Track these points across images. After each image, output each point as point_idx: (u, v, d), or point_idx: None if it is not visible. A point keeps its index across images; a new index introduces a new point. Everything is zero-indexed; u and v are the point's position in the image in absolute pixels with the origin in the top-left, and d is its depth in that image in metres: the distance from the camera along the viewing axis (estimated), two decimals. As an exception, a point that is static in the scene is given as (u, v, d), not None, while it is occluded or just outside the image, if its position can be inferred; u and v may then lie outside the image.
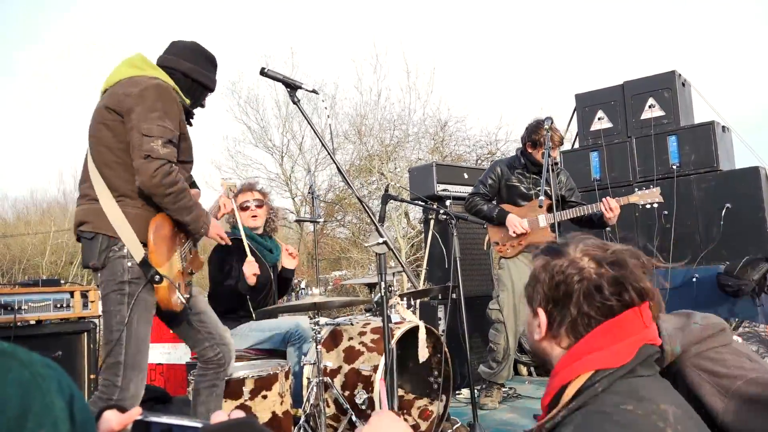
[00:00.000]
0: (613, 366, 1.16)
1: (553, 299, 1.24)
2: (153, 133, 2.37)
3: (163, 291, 2.45)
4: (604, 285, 1.19)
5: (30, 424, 0.59)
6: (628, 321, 1.19)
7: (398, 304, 3.59)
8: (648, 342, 1.20)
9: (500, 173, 4.51)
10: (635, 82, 5.95)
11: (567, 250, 1.25)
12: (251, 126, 15.75)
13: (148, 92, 2.43)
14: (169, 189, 2.39)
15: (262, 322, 3.71)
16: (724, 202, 5.24)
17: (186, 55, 2.71)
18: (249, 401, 2.91)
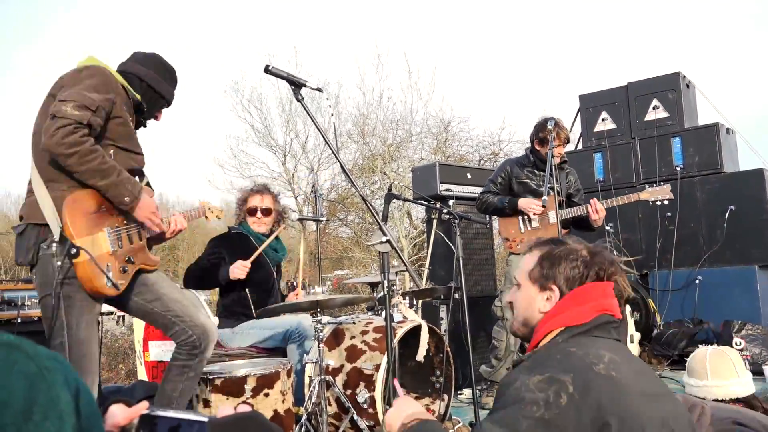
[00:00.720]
0: (576, 323, 1.50)
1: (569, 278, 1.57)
2: (68, 98, 2.30)
3: (83, 267, 2.31)
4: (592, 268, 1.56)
5: (36, 416, 0.59)
6: (589, 289, 1.54)
7: (401, 303, 3.59)
8: (606, 311, 1.52)
9: (510, 171, 4.51)
10: (639, 83, 5.95)
11: (567, 241, 1.64)
12: (254, 125, 15.77)
13: (82, 72, 2.45)
14: (71, 149, 2.26)
15: (263, 320, 3.70)
16: (728, 204, 5.24)
17: (143, 62, 2.73)
18: (251, 399, 2.90)
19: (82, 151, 2.28)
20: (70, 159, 2.28)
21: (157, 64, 2.76)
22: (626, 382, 1.35)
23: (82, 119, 2.29)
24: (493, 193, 4.53)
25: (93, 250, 2.35)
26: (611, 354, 1.40)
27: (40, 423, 0.58)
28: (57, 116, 2.26)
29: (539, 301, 1.60)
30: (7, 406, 0.57)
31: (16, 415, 0.57)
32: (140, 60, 2.73)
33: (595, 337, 1.48)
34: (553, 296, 1.57)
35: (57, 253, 2.31)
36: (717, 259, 5.25)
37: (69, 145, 2.26)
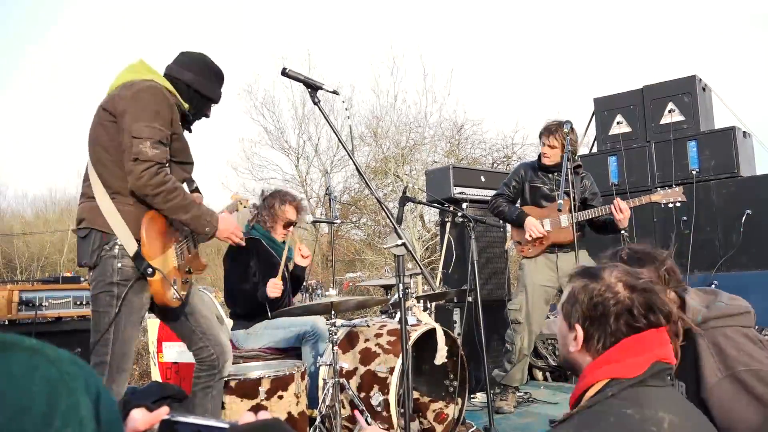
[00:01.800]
0: (627, 376, 1.35)
1: (590, 318, 1.42)
2: (143, 134, 2.39)
3: (157, 284, 2.46)
4: (635, 308, 1.38)
5: (56, 422, 0.58)
6: (647, 339, 1.38)
7: (415, 307, 3.57)
8: (661, 359, 1.38)
9: (523, 175, 4.48)
10: (655, 86, 5.89)
11: (603, 275, 1.44)
12: (267, 127, 15.84)
13: (140, 94, 2.47)
14: (157, 189, 2.40)
15: (277, 321, 3.70)
16: (745, 208, 5.17)
17: (191, 66, 2.74)
18: (265, 401, 2.90)
19: (167, 190, 2.42)
20: (157, 198, 2.42)
21: (203, 66, 2.77)
22: None
23: (161, 158, 2.43)
24: (506, 197, 4.50)
25: (164, 267, 2.49)
26: (671, 415, 1.27)
27: (60, 429, 0.57)
28: (140, 159, 2.38)
29: (569, 340, 1.48)
30: (27, 411, 0.57)
31: (36, 421, 0.56)
32: (187, 65, 2.74)
33: (648, 388, 1.34)
34: (577, 336, 1.45)
35: (119, 255, 2.44)
36: (733, 264, 5.18)
37: (155, 186, 2.40)
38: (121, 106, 2.45)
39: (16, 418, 0.55)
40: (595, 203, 4.34)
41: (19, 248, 17.04)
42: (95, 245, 2.46)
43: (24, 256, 16.88)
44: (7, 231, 17.82)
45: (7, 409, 0.55)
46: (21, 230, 17.85)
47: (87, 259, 2.48)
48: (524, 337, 4.33)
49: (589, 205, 4.34)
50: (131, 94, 2.47)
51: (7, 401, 0.56)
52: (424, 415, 3.74)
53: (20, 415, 0.56)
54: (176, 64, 2.75)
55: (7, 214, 19.79)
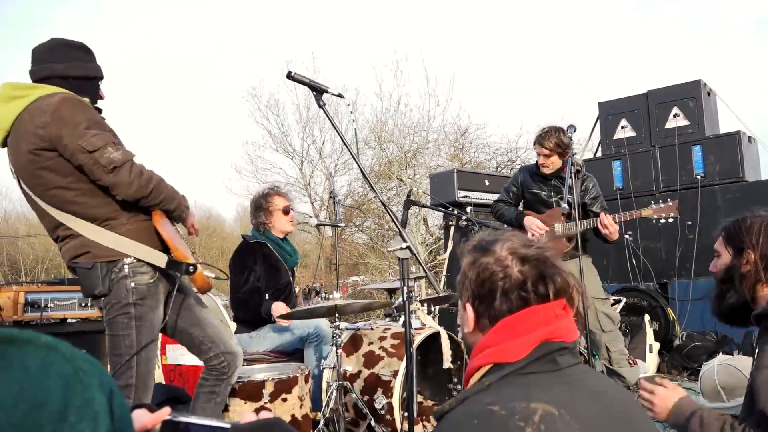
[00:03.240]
0: (508, 361, 1.20)
1: (479, 296, 1.28)
2: (97, 144, 2.23)
3: (201, 277, 2.45)
4: (528, 281, 1.23)
5: (71, 417, 0.59)
6: (529, 317, 1.22)
7: (419, 310, 3.58)
8: (551, 339, 1.21)
9: (521, 180, 4.47)
10: (660, 90, 5.90)
11: (494, 248, 1.29)
12: (272, 130, 15.87)
13: (60, 111, 2.24)
14: (150, 185, 2.33)
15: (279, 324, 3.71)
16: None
17: (54, 57, 2.43)
18: (269, 404, 2.91)
19: (156, 183, 2.37)
20: (152, 194, 2.35)
21: (67, 49, 2.47)
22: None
23: (129, 155, 2.31)
24: (507, 202, 4.50)
25: (192, 259, 2.46)
26: (548, 406, 1.11)
27: (75, 424, 0.59)
28: (117, 166, 2.25)
29: (464, 320, 1.34)
30: (43, 406, 0.58)
31: (52, 416, 0.58)
32: (47, 57, 2.43)
33: (530, 374, 1.19)
34: (468, 316, 1.31)
35: (130, 275, 2.37)
36: (738, 269, 5.18)
37: (147, 183, 2.32)
38: (52, 132, 2.23)
39: (32, 412, 0.57)
40: (595, 208, 4.28)
41: (24, 250, 17.10)
42: (103, 272, 2.37)
43: (29, 258, 16.93)
44: (12, 233, 17.89)
45: (24, 403, 0.57)
46: (26, 232, 17.89)
47: (100, 287, 2.37)
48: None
49: (588, 210, 4.29)
50: (49, 118, 2.23)
51: (24, 396, 0.57)
52: (428, 419, 3.75)
53: (37, 410, 0.57)
54: (38, 63, 2.43)
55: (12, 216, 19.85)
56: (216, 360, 2.68)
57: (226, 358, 2.69)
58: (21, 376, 0.58)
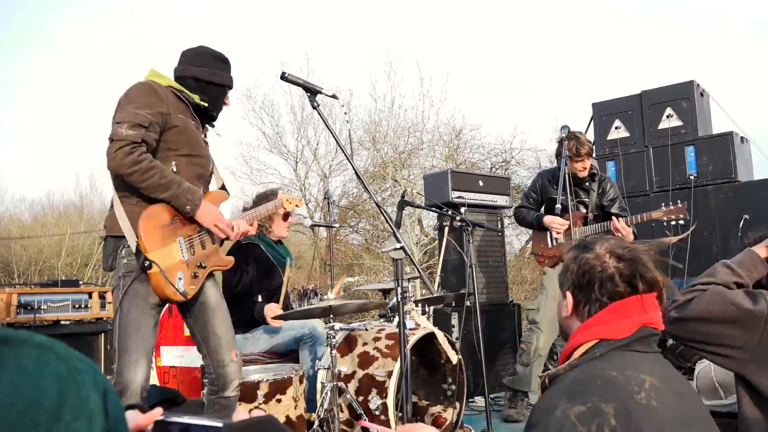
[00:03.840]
0: (614, 338, 1.43)
1: (578, 285, 1.52)
2: (122, 119, 2.46)
3: (155, 278, 2.48)
4: (617, 276, 1.47)
5: (66, 416, 0.60)
6: (630, 305, 1.46)
7: (413, 310, 3.59)
8: (648, 324, 1.45)
9: (540, 185, 4.50)
10: (653, 91, 5.92)
11: (594, 247, 1.53)
12: (266, 131, 15.81)
13: (128, 91, 2.57)
14: (131, 168, 2.43)
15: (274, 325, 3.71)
16: (742, 213, 5.19)
17: (193, 60, 2.79)
18: (263, 405, 2.92)
19: (141, 169, 2.44)
20: (133, 177, 2.45)
21: (205, 56, 2.82)
22: (664, 410, 1.32)
23: (136, 138, 2.45)
24: (527, 207, 4.54)
25: (165, 261, 2.51)
26: (652, 378, 1.36)
27: (70, 423, 0.59)
28: (114, 139, 2.44)
29: (563, 306, 1.59)
30: (39, 405, 0.58)
31: (47, 414, 0.58)
32: (190, 60, 2.80)
33: (634, 352, 1.43)
34: (567, 302, 1.55)
35: (126, 255, 2.51)
36: (731, 269, 5.21)
37: (129, 165, 2.42)
38: (117, 106, 2.55)
39: (28, 411, 0.57)
40: (614, 209, 4.31)
41: (17, 252, 17.01)
42: (110, 249, 2.56)
43: (22, 260, 16.84)
44: (4, 235, 17.80)
45: (20, 402, 0.57)
46: (19, 234, 17.82)
47: (106, 264, 2.58)
48: (540, 336, 4.31)
49: (607, 212, 4.32)
50: (124, 94, 2.58)
51: (19, 395, 0.58)
52: (423, 419, 3.76)
53: (32, 409, 0.57)
54: (180, 63, 2.81)
55: (5, 218, 19.73)
56: (208, 369, 2.75)
57: (215, 372, 2.73)
58: (16, 375, 0.59)
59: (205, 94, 2.78)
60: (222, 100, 2.87)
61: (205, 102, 2.78)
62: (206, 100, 2.79)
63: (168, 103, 2.60)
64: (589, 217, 4.17)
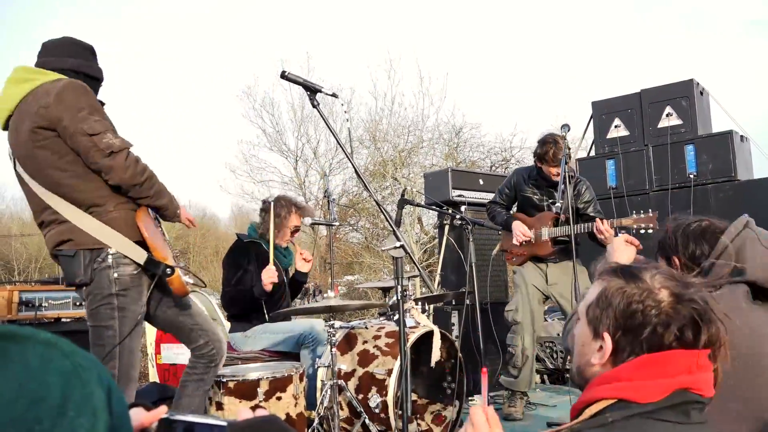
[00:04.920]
0: (638, 401, 1.11)
1: (624, 327, 1.18)
2: (97, 129, 2.29)
3: (177, 281, 2.45)
4: (679, 322, 1.14)
5: (71, 412, 0.60)
6: (673, 360, 1.13)
7: (413, 309, 3.59)
8: (689, 389, 1.13)
9: (515, 183, 4.49)
10: (652, 90, 5.91)
11: (644, 277, 1.20)
12: (266, 129, 15.82)
13: (63, 94, 2.31)
14: (144, 175, 2.37)
15: (275, 325, 3.72)
16: (742, 212, 5.17)
17: (67, 51, 2.53)
18: (263, 402, 2.92)
19: (150, 175, 2.41)
20: (145, 185, 2.38)
21: (77, 47, 2.56)
22: None
23: (128, 144, 2.37)
24: (500, 203, 4.54)
25: (173, 261, 2.47)
26: None
27: (74, 419, 0.59)
28: (114, 151, 2.30)
29: (592, 350, 1.24)
30: (43, 401, 0.59)
31: (51, 410, 0.58)
32: (62, 51, 2.52)
33: (660, 422, 1.10)
34: (604, 347, 1.20)
35: (113, 265, 2.38)
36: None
37: (142, 172, 2.36)
38: (53, 113, 2.28)
39: (32, 407, 0.58)
40: (590, 211, 4.29)
41: (17, 249, 17.02)
42: (86, 261, 2.37)
43: (22, 258, 16.85)
44: (5, 232, 17.81)
45: (24, 398, 0.58)
46: (19, 232, 17.82)
47: (82, 277, 2.38)
48: (524, 336, 4.31)
49: (582, 213, 4.30)
50: (54, 99, 2.29)
51: (24, 391, 0.58)
52: (422, 417, 3.76)
53: (36, 405, 0.58)
54: (49, 56, 2.50)
55: (5, 215, 19.76)
56: (206, 348, 2.69)
57: (215, 345, 2.71)
58: (21, 371, 0.59)
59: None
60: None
61: None
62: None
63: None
64: (561, 218, 4.13)
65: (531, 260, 4.39)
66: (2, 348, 0.62)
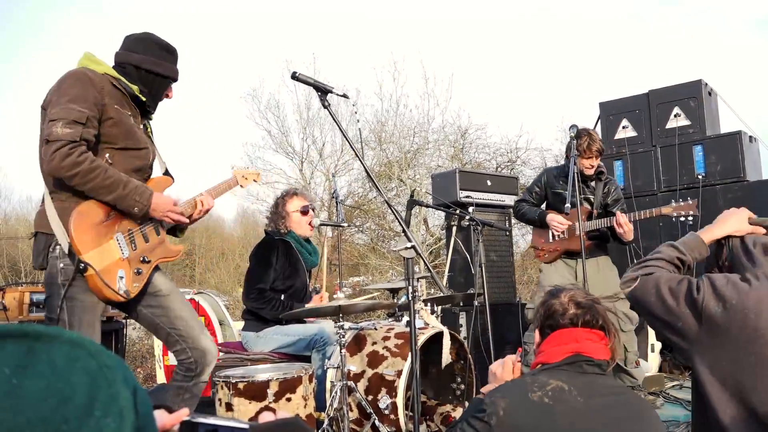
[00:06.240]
0: (548, 361, 1.74)
1: (542, 327, 1.84)
2: (56, 116, 2.28)
3: (92, 280, 2.34)
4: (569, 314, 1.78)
5: (97, 412, 0.60)
6: (566, 334, 1.75)
7: (422, 310, 3.58)
8: (582, 353, 1.71)
9: (546, 181, 4.50)
10: (660, 90, 5.90)
11: (560, 295, 1.83)
12: (271, 131, 15.82)
13: (61, 81, 2.38)
14: (71, 170, 2.27)
15: (287, 327, 3.71)
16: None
17: (136, 47, 2.61)
18: (273, 403, 2.91)
19: (82, 171, 2.29)
20: (74, 180, 2.30)
21: (150, 45, 2.63)
22: (561, 408, 1.58)
23: (74, 137, 2.28)
24: (530, 202, 4.54)
25: (101, 261, 2.36)
26: (561, 383, 1.63)
27: (100, 418, 0.59)
28: (50, 140, 2.26)
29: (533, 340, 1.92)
30: (70, 400, 0.58)
31: (78, 410, 0.58)
32: (132, 46, 2.62)
33: (559, 370, 1.68)
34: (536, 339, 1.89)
35: (60, 255, 2.35)
36: (740, 269, 5.18)
37: (69, 168, 2.26)
38: (47, 98, 2.38)
39: (59, 407, 0.57)
40: (617, 209, 4.31)
41: (24, 251, 17.07)
42: (41, 246, 2.39)
43: (28, 260, 16.89)
44: (12, 234, 17.88)
45: (51, 398, 0.57)
46: (26, 233, 17.88)
47: (35, 262, 2.43)
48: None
49: (609, 212, 4.32)
50: (56, 84, 2.39)
51: (51, 391, 0.58)
52: (432, 419, 3.75)
53: (63, 405, 0.57)
54: (122, 48, 2.63)
55: (12, 217, 19.83)
56: (183, 355, 2.61)
57: (192, 354, 2.61)
58: (48, 371, 0.59)
59: (145, 84, 2.61)
60: (162, 92, 2.70)
61: (144, 95, 2.61)
62: (145, 92, 2.62)
63: (103, 93, 2.44)
64: (594, 214, 4.19)
65: (563, 256, 4.37)
66: (29, 347, 0.61)
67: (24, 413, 0.54)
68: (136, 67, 2.58)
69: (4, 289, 3.81)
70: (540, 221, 4.40)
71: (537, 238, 4.50)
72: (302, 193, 4.08)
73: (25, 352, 0.59)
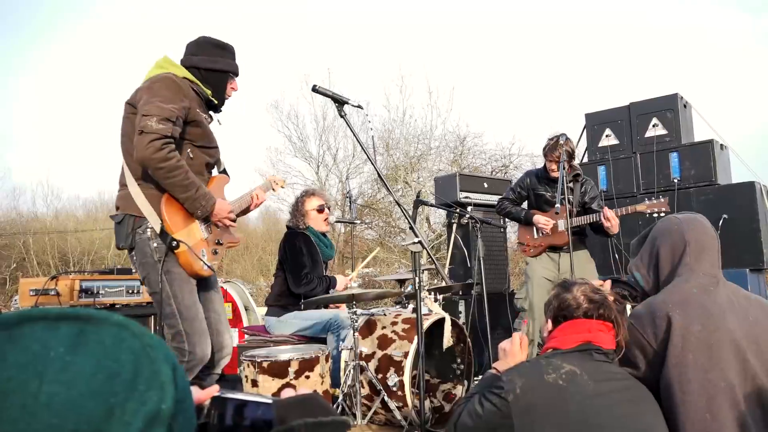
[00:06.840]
0: (560, 347, 1.70)
1: (556, 317, 1.79)
2: (150, 112, 2.32)
3: (184, 256, 2.40)
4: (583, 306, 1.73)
5: (141, 386, 0.60)
6: (580, 324, 1.71)
7: (426, 298, 3.57)
8: (593, 342, 1.67)
9: (529, 183, 4.46)
10: (640, 103, 5.85)
11: (572, 289, 1.78)
12: (291, 138, 15.88)
13: (154, 84, 2.43)
14: (160, 164, 2.31)
15: (305, 312, 3.70)
16: (722, 213, 5.13)
17: (194, 50, 2.63)
18: (294, 380, 2.91)
19: (168, 167, 2.33)
20: (159, 172, 2.34)
21: (205, 45, 2.64)
22: (573, 390, 1.54)
23: (166, 132, 2.33)
24: (511, 200, 4.49)
25: (189, 240, 2.43)
26: (573, 367, 1.59)
27: (144, 392, 0.59)
28: (145, 131, 2.30)
29: (545, 328, 1.85)
30: (118, 375, 0.58)
31: (124, 384, 0.58)
32: (192, 50, 2.64)
33: (573, 356, 1.64)
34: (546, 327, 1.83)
35: (152, 236, 2.40)
36: (711, 263, 5.14)
37: (159, 160, 2.31)
38: (139, 96, 2.42)
39: (108, 382, 0.57)
40: (595, 206, 4.27)
41: (72, 244, 17.19)
42: (129, 228, 2.42)
43: (76, 251, 17.02)
44: (62, 229, 17.99)
45: (102, 373, 0.57)
46: (74, 228, 18.00)
47: (123, 242, 2.44)
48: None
49: (589, 208, 4.29)
50: (147, 85, 2.44)
51: (100, 367, 0.57)
52: (434, 395, 3.74)
53: (111, 380, 0.57)
54: (186, 53, 2.65)
55: (62, 214, 19.94)
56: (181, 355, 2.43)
57: (188, 356, 2.45)
58: (98, 350, 0.59)
59: (208, 82, 2.61)
60: (224, 87, 2.68)
61: (213, 92, 2.63)
62: (213, 90, 2.63)
63: (189, 98, 2.48)
64: (573, 212, 4.17)
65: (547, 250, 4.34)
66: (81, 329, 0.61)
67: (77, 387, 0.54)
68: (197, 68, 2.59)
69: (57, 277, 3.84)
70: (526, 221, 4.37)
71: (523, 234, 4.46)
72: (319, 193, 4.07)
73: (77, 333, 0.59)
